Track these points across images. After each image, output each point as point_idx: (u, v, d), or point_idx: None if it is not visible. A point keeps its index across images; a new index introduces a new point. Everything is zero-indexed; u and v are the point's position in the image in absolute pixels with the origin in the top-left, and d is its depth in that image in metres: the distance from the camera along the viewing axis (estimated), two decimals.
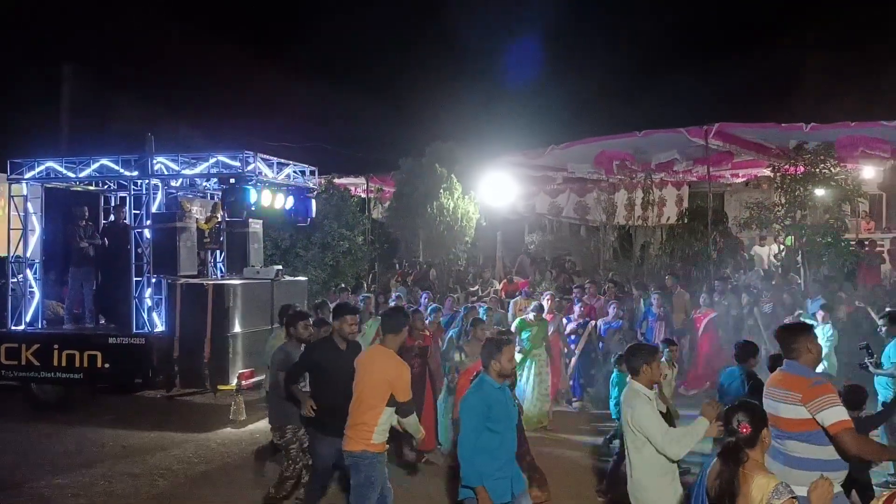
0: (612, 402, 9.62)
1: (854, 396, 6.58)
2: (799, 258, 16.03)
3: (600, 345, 12.69)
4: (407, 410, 6.03)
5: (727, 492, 3.77)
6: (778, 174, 15.70)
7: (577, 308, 12.87)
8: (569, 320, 12.58)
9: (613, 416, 8.97)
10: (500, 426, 5.46)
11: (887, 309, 9.85)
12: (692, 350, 13.33)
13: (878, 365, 8.42)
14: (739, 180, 21.78)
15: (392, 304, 14.31)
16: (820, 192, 15.52)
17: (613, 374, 9.91)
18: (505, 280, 18.69)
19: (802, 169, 15.30)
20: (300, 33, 40.64)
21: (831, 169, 15.15)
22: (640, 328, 13.19)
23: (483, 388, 5.50)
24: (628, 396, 5.23)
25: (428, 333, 9.58)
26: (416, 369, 8.32)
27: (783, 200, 15.53)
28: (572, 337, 12.47)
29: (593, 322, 12.80)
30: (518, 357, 9.63)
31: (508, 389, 5.88)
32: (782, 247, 17.10)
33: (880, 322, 9.34)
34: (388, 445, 6.13)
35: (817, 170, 15.12)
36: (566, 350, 12.36)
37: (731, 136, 16.11)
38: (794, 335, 5.10)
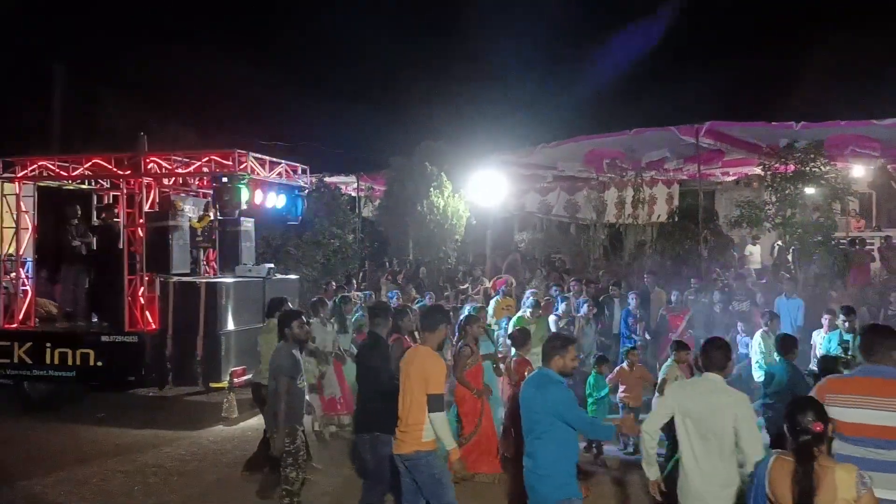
0: (589, 402, 9.66)
1: None
2: (790, 257, 16.13)
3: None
4: (435, 404, 5.84)
5: (807, 489, 3.84)
6: (768, 172, 15.78)
7: (562, 306, 12.80)
8: (557, 317, 12.56)
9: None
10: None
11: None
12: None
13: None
14: (730, 178, 21.87)
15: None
16: (810, 190, 15.60)
17: (591, 376, 9.98)
18: (495, 278, 18.74)
19: (793, 167, 15.38)
20: (291, 33, 40.61)
21: (821, 167, 15.24)
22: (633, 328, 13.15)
23: (558, 382, 5.38)
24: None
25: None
26: None
27: (773, 199, 15.61)
28: None
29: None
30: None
31: None
32: (779, 243, 17.11)
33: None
34: (438, 444, 5.97)
35: (807, 168, 15.20)
36: None
37: (722, 135, 16.20)
38: (886, 337, 4.90)
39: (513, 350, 9.10)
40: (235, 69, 28.02)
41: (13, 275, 12.00)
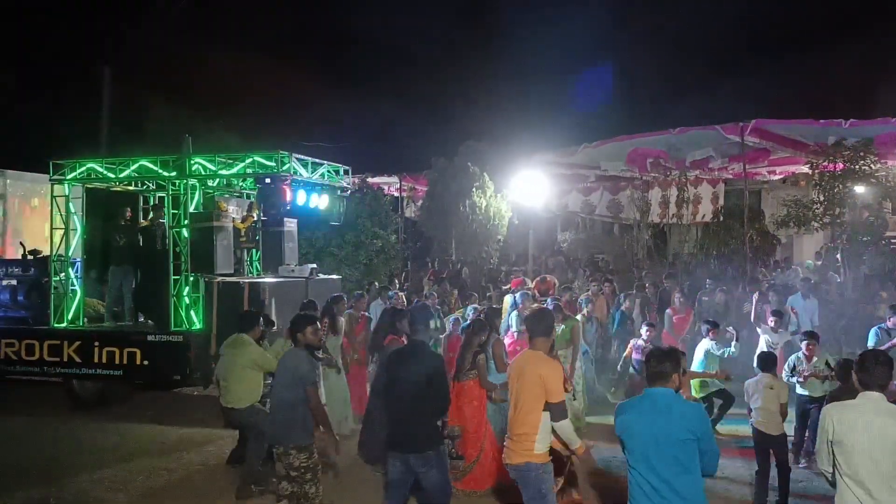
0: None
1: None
2: (839, 257, 15.82)
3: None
4: (559, 413, 5.55)
5: None
6: (816, 171, 15.49)
7: (584, 308, 12.60)
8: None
9: None
10: None
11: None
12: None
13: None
14: (776, 177, 21.49)
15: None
16: (859, 189, 15.29)
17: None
18: (537, 279, 18.65)
19: (841, 165, 15.08)
20: (335, 34, 40.86)
21: (871, 165, 14.91)
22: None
23: (687, 401, 4.91)
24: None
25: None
26: None
27: (821, 198, 15.30)
28: None
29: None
30: None
31: None
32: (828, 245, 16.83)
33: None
34: (551, 456, 5.69)
35: (857, 166, 14.88)
36: None
37: (768, 133, 15.93)
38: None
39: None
40: (279, 71, 28.31)
41: (62, 275, 12.23)
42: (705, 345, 10.11)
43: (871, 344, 10.06)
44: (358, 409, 10.56)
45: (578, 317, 11.62)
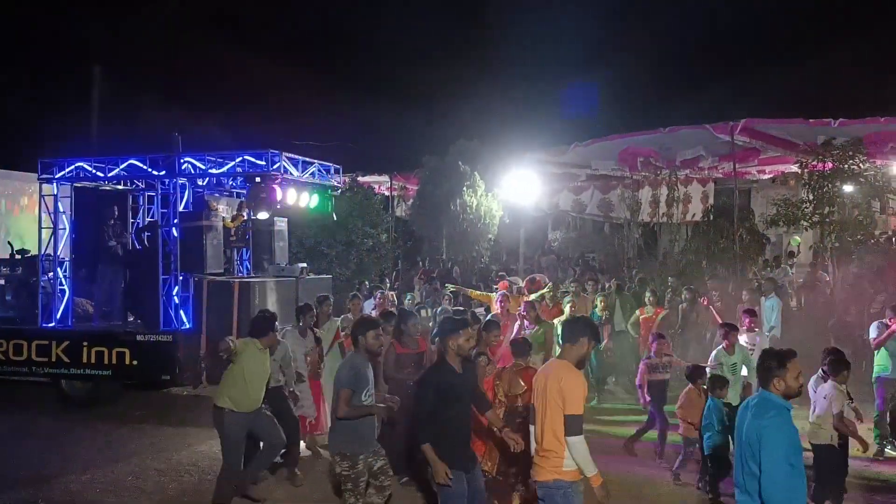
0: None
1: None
2: (828, 256, 15.87)
3: None
4: (573, 426, 5.17)
5: None
6: (805, 170, 15.54)
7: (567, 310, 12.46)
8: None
9: None
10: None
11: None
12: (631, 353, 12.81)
13: None
14: (766, 177, 21.53)
15: (407, 302, 14.19)
16: (848, 188, 15.34)
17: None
18: (528, 279, 18.66)
19: (830, 165, 15.13)
20: (325, 33, 40.78)
21: (860, 165, 14.97)
22: None
23: (780, 407, 4.62)
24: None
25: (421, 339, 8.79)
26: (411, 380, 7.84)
27: (811, 197, 15.35)
28: None
29: None
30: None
31: None
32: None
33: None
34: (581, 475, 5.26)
35: (846, 166, 14.93)
36: None
37: (758, 132, 15.95)
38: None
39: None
40: (269, 70, 28.24)
41: (51, 274, 12.17)
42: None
43: (873, 335, 10.10)
44: None
45: (556, 320, 11.43)
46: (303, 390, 9.20)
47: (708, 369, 8.85)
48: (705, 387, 8.35)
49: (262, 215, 12.60)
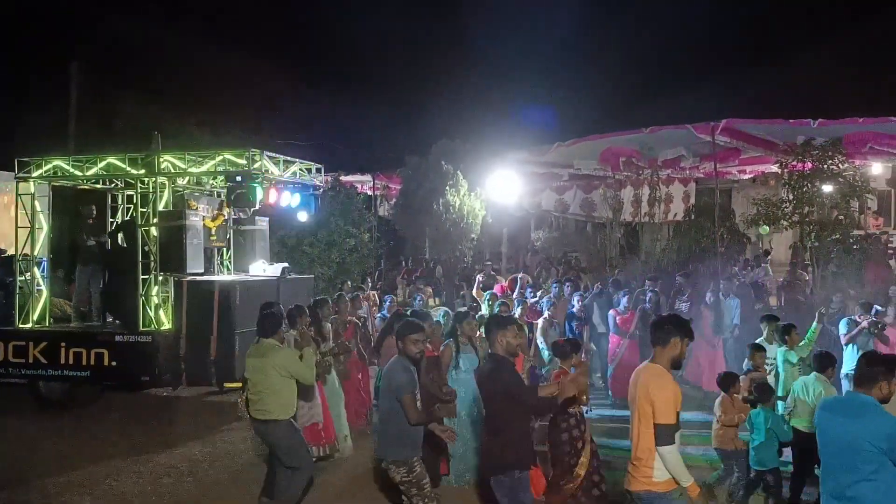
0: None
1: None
2: (807, 255, 15.98)
3: None
4: (664, 436, 4.93)
5: None
6: (785, 170, 15.63)
7: (546, 312, 12.39)
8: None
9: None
10: None
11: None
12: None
13: None
14: (746, 176, 21.68)
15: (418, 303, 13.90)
16: (828, 188, 15.45)
17: None
18: (511, 278, 18.69)
19: (810, 165, 15.23)
20: (307, 32, 40.66)
21: (839, 165, 15.07)
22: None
23: (877, 407, 4.59)
24: None
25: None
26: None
27: (791, 196, 15.45)
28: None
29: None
30: None
31: None
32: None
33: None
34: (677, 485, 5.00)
35: (825, 166, 15.04)
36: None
37: (739, 133, 16.04)
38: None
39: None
40: (250, 68, 28.10)
41: (28, 275, 12.03)
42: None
43: (843, 332, 10.25)
44: (354, 421, 10.05)
45: (540, 321, 11.35)
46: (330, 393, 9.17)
47: (745, 378, 8.41)
48: (743, 395, 7.99)
49: (243, 215, 12.55)
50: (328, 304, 10.03)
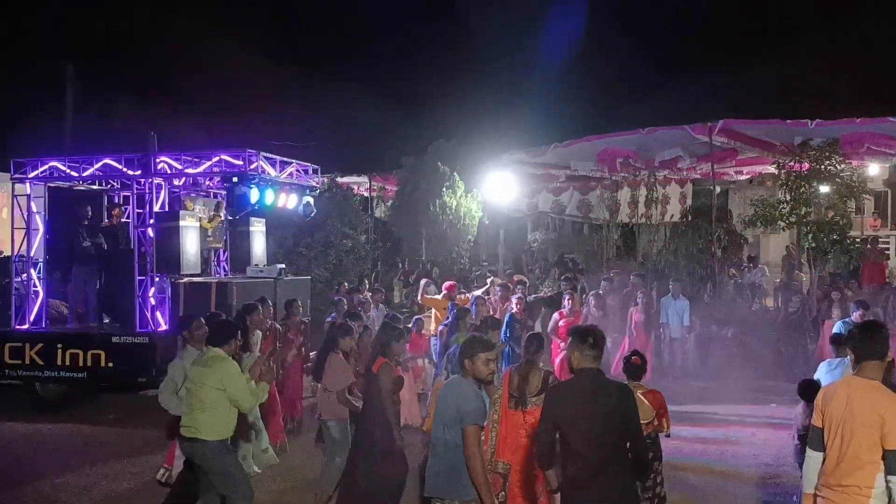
0: None
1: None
2: (804, 256, 15.98)
3: None
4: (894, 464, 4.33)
5: None
6: (783, 171, 15.63)
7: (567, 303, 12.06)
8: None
9: None
10: None
11: None
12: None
13: None
14: (744, 177, 21.70)
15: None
16: (825, 188, 15.45)
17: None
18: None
19: (807, 166, 15.23)
20: (303, 32, 40.65)
21: (836, 165, 15.08)
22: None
23: None
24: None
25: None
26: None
27: (788, 197, 15.45)
28: None
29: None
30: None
31: None
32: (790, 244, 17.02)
33: None
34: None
35: (822, 166, 15.04)
36: None
37: (736, 133, 16.05)
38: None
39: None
40: (247, 68, 28.07)
41: (24, 276, 11.99)
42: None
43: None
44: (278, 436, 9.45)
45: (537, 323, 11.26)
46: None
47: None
48: None
49: (240, 216, 12.53)
50: (258, 310, 9.27)
